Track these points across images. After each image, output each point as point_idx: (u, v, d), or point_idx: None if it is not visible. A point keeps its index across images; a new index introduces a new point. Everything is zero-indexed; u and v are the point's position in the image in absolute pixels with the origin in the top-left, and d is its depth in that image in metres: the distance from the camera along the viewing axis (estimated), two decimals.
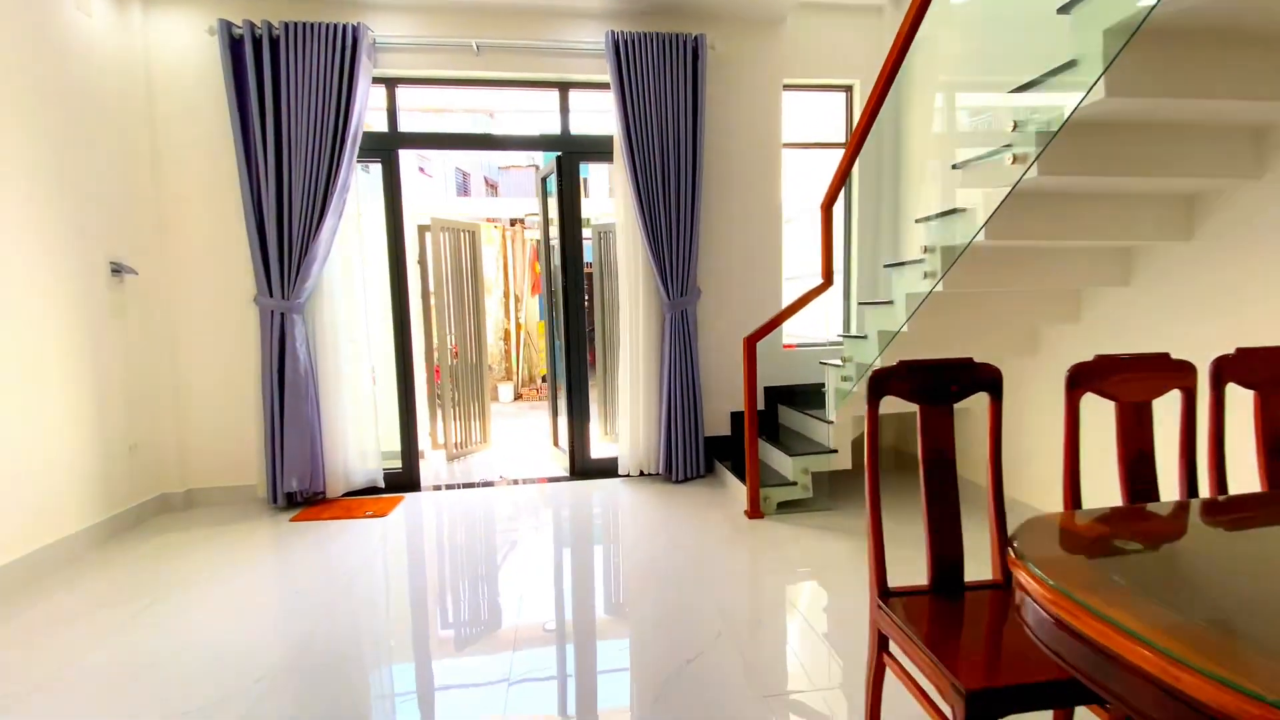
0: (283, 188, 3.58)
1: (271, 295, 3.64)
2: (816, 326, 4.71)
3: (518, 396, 10.00)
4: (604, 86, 4.14)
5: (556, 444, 4.90)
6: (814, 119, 4.66)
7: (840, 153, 3.32)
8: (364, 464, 3.98)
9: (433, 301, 5.44)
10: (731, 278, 4.25)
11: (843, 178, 3.18)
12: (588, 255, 5.05)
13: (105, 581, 2.77)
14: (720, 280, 4.22)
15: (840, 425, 3.52)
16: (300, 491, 3.76)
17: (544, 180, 4.67)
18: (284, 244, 3.60)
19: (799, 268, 4.79)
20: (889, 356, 3.02)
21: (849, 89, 4.39)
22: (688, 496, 3.85)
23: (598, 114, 4.30)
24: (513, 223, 9.89)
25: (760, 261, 4.29)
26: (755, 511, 3.42)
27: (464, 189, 14.17)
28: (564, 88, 4.12)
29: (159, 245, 3.68)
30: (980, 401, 1.64)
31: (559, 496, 3.98)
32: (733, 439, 4.36)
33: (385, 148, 3.96)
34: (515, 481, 4.39)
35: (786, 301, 4.31)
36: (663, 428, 4.07)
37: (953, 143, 3.77)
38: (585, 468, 4.35)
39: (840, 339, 4.10)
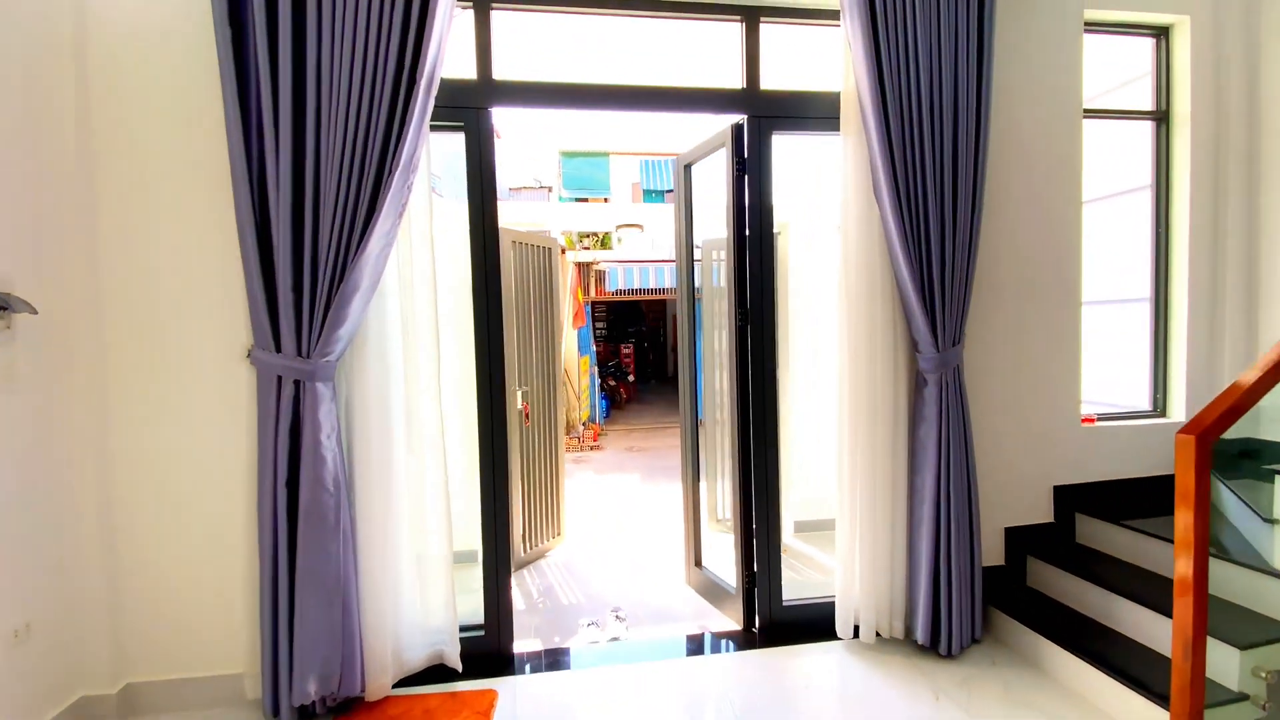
0: (304, 168, 2.03)
1: (280, 349, 2.06)
2: (1125, 386, 3.12)
3: None
4: (823, 17, 2.65)
5: (697, 563, 3.26)
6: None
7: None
8: (426, 626, 2.36)
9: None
10: (1006, 314, 2.70)
11: None
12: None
13: None
14: (989, 319, 2.68)
15: None
16: (322, 700, 2.12)
17: (689, 167, 3.13)
18: (305, 263, 2.04)
19: (1095, 287, 3.12)
20: None
21: (1163, 33, 2.90)
22: (994, 698, 2.23)
23: (793, 67, 2.80)
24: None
25: (1050, 286, 2.74)
26: None
27: None
28: (752, 15, 2.61)
29: (83, 266, 2.10)
30: None
31: (757, 698, 2.33)
32: (1009, 570, 2.77)
33: (471, 105, 2.43)
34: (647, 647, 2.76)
35: (1090, 344, 2.79)
36: (925, 562, 2.46)
37: None
38: (780, 620, 2.71)
39: None
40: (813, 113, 2.61)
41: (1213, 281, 2.85)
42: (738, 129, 2.63)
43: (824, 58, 2.73)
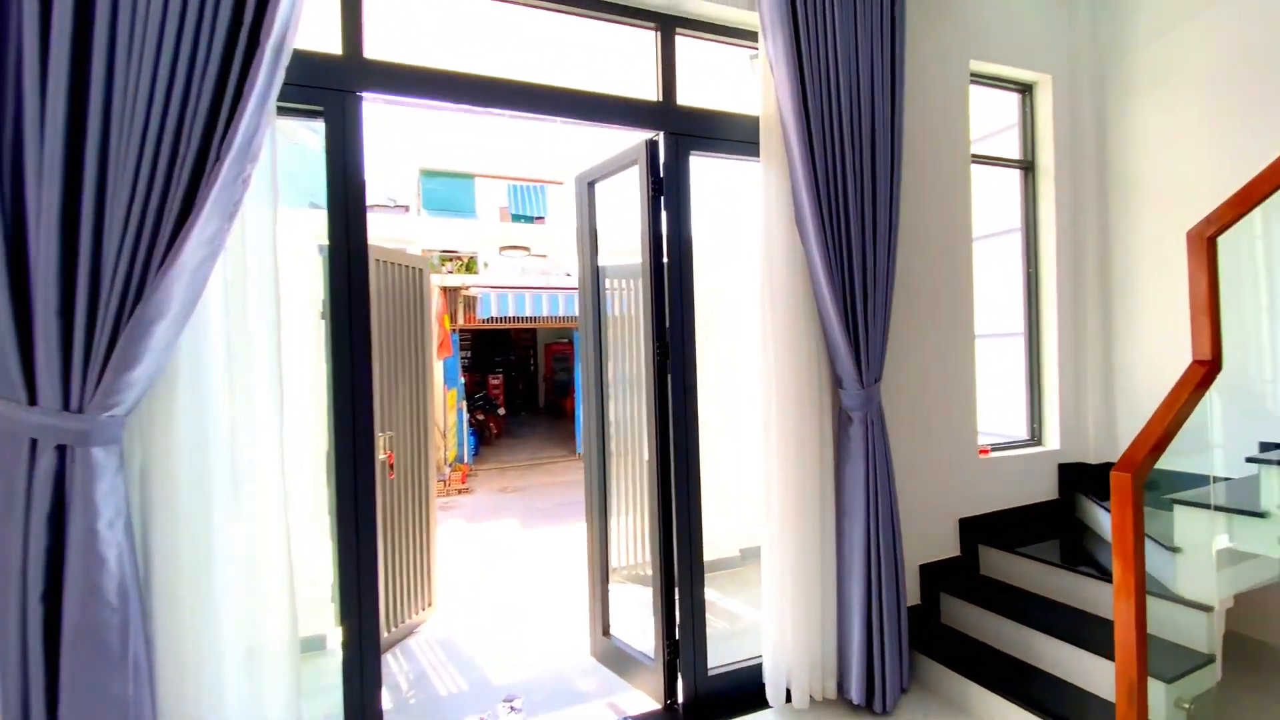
0: (85, 147, 1.43)
1: (34, 400, 1.41)
2: (1008, 414, 3.26)
3: None
4: (741, 37, 2.52)
5: (605, 631, 2.87)
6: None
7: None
8: None
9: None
10: (911, 349, 2.70)
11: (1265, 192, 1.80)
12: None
13: None
14: (895, 354, 2.65)
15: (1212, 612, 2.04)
16: None
17: (592, 185, 2.83)
18: (81, 277, 1.42)
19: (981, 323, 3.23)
20: None
21: (1028, 89, 3.15)
22: None
23: (707, 86, 2.63)
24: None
25: (947, 321, 2.80)
26: None
27: None
28: (668, 24, 2.40)
29: None
30: None
31: None
32: (924, 608, 2.73)
33: (337, 87, 1.94)
34: None
35: (982, 377, 2.87)
36: (858, 612, 2.30)
37: None
38: (706, 693, 2.41)
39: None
40: (732, 135, 2.45)
41: (1075, 319, 3.11)
42: (652, 145, 2.39)
43: (739, 79, 2.60)
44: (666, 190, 2.36)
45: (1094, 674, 2.16)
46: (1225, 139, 2.62)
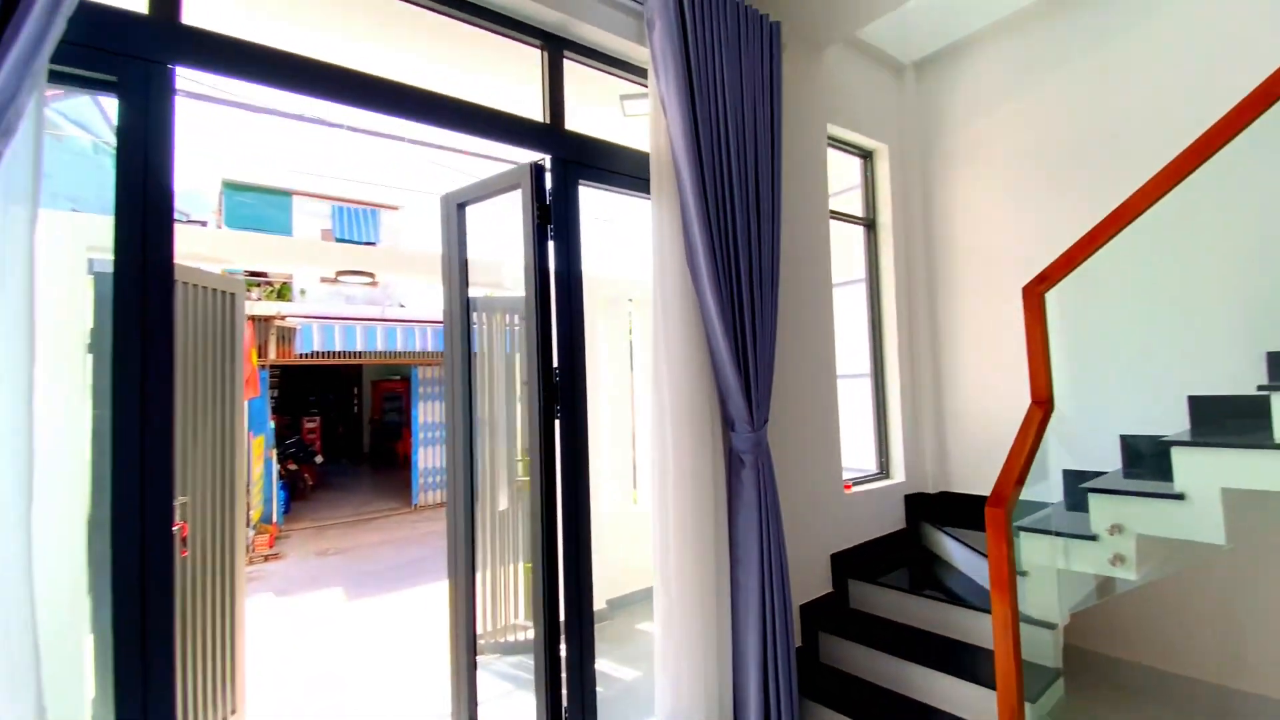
0: None
1: None
2: (859, 449, 3.45)
3: None
4: (630, 71, 2.45)
5: (473, 718, 2.46)
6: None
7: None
8: None
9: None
10: (787, 389, 2.76)
11: (1088, 248, 2.11)
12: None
13: None
14: (777, 395, 2.70)
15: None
16: None
17: (462, 207, 2.54)
18: None
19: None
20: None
21: (869, 155, 3.51)
22: None
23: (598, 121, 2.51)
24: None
25: (814, 362, 2.92)
26: None
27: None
28: (556, 45, 2.25)
29: None
30: None
31: None
32: (805, 650, 2.74)
33: (141, 55, 1.48)
34: None
35: (844, 419, 3.03)
36: (754, 666, 2.21)
37: None
38: None
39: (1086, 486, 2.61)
40: (622, 169, 2.35)
41: (912, 361, 3.45)
42: (538, 169, 2.19)
43: (617, 118, 2.53)
44: (555, 219, 2.17)
45: (957, 697, 2.29)
46: (1020, 211, 3.12)
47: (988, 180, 3.25)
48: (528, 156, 2.19)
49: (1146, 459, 2.71)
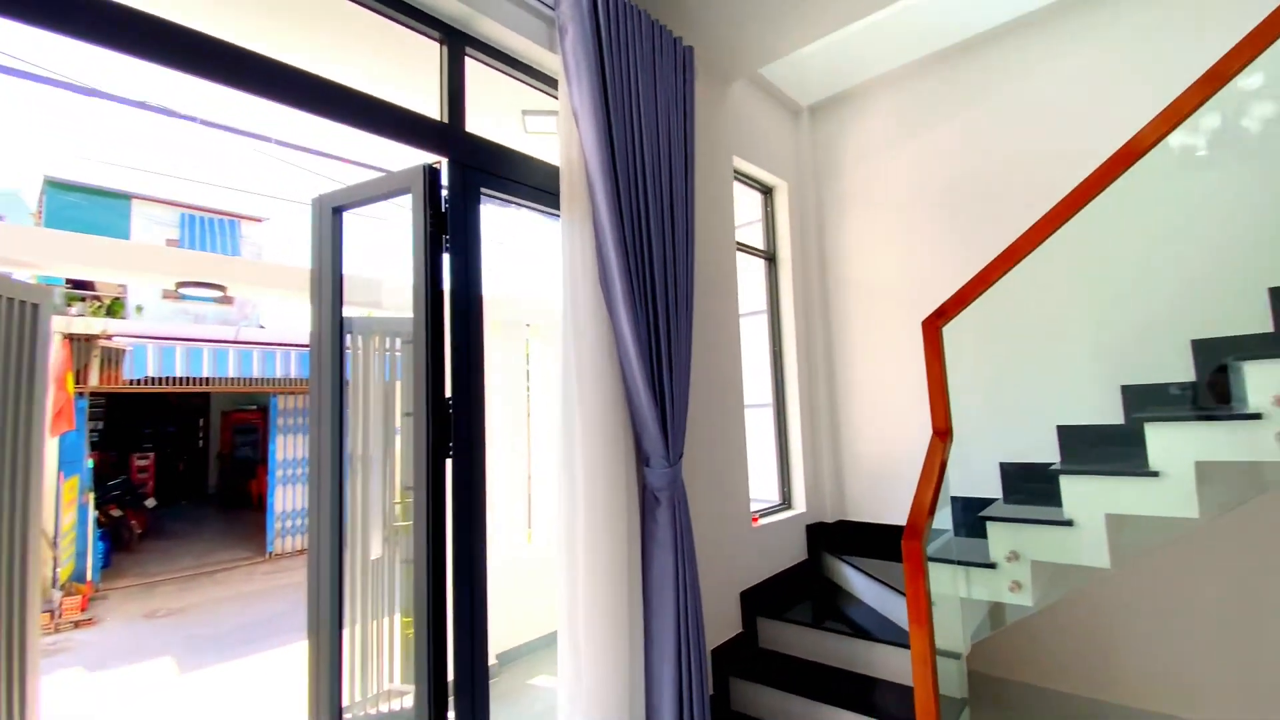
0: None
1: None
2: (764, 478, 3.40)
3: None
4: (538, 79, 2.28)
5: None
6: None
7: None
8: None
9: None
10: (698, 421, 2.66)
11: (978, 288, 2.21)
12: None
13: None
14: (690, 427, 2.59)
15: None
16: None
17: (339, 212, 2.20)
18: None
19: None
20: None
21: (770, 191, 3.58)
22: None
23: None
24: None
25: (723, 393, 2.85)
26: None
27: None
28: (456, 39, 2.04)
29: None
30: None
31: None
32: (717, 696, 2.58)
33: None
34: None
35: (755, 454, 2.99)
36: (668, 714, 2.02)
37: None
38: None
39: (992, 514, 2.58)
40: (530, 180, 2.16)
41: (810, 392, 3.51)
42: (433, 172, 1.94)
43: (518, 133, 2.35)
44: (452, 228, 1.93)
45: None
46: (906, 251, 3.29)
47: (877, 220, 3.42)
48: (423, 161, 1.93)
49: (1024, 485, 2.88)
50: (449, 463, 1.90)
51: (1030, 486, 2.83)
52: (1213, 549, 2.43)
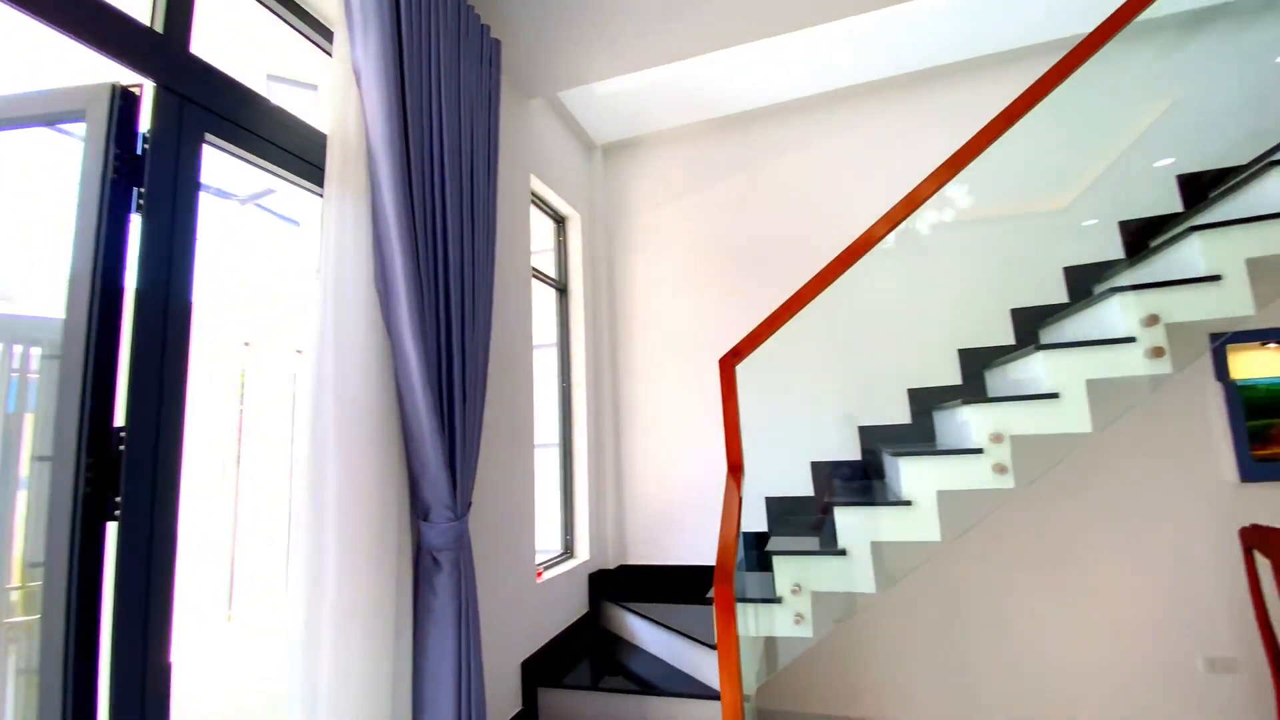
0: None
1: None
2: (545, 526, 3.03)
3: None
4: (305, 25, 1.79)
5: None
6: None
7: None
8: None
9: None
10: (483, 465, 2.28)
11: (767, 328, 2.31)
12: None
13: None
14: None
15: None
16: None
17: None
18: None
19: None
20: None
21: (563, 221, 3.42)
22: None
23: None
24: None
25: (513, 430, 2.52)
26: None
27: None
28: None
29: None
30: None
31: None
32: None
33: None
34: None
35: (545, 504, 2.71)
36: None
37: None
38: None
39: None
40: (280, 140, 1.63)
41: (598, 430, 3.36)
42: (126, 96, 1.32)
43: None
44: (153, 182, 1.32)
45: None
46: (688, 296, 3.42)
47: (664, 264, 3.51)
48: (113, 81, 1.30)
49: (789, 518, 3.09)
50: (111, 526, 1.24)
51: (794, 519, 3.06)
52: (932, 574, 2.85)
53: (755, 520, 3.12)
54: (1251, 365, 2.55)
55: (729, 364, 2.34)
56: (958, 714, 2.69)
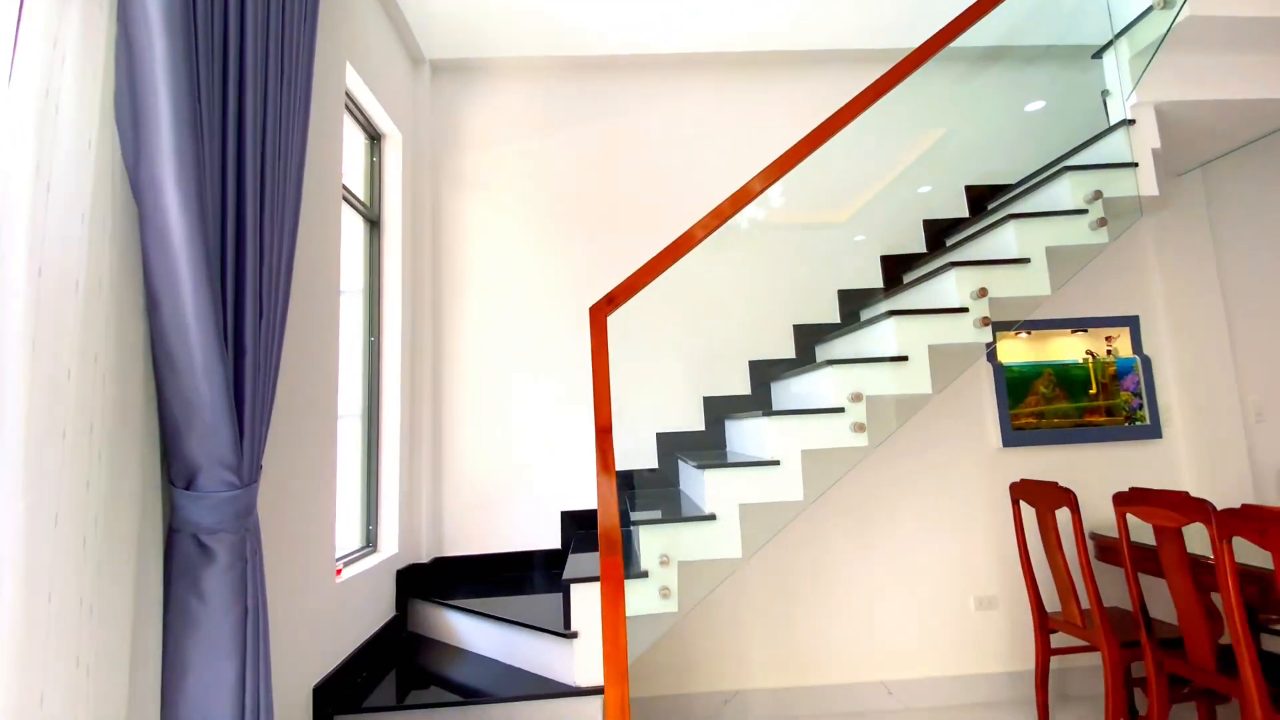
0: None
1: None
2: (344, 514, 2.33)
3: None
4: None
5: None
6: None
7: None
8: None
9: None
10: (273, 436, 1.67)
11: (645, 274, 2.08)
12: None
13: None
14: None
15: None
16: None
17: None
18: None
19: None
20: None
21: (378, 139, 2.77)
22: None
23: None
24: None
25: (311, 394, 1.91)
26: None
27: None
28: None
29: None
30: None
31: None
32: None
33: None
34: None
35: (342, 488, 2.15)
36: None
37: None
38: None
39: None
40: None
41: (414, 399, 2.80)
42: None
43: None
44: None
45: None
46: (527, 246, 3.04)
47: (502, 211, 3.07)
48: None
49: (634, 489, 2.91)
50: None
51: (643, 492, 2.88)
52: (762, 549, 2.88)
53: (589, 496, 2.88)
54: (1013, 351, 3.05)
55: (601, 313, 2.05)
56: (789, 676, 2.75)
